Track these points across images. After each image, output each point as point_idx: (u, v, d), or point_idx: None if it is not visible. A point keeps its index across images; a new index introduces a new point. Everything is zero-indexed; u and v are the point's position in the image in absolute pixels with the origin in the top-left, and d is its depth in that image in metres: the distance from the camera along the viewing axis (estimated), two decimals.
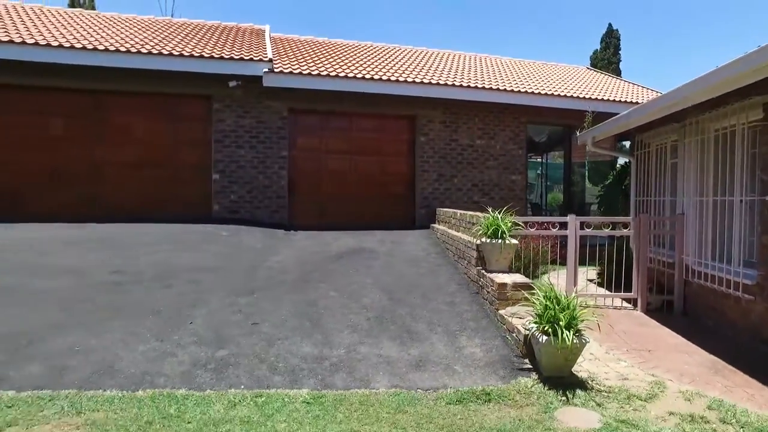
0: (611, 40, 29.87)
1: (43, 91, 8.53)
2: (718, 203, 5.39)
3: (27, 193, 8.50)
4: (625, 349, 4.71)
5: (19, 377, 3.42)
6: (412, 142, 10.43)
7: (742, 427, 3.19)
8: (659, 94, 11.77)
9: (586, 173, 15.93)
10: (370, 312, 4.94)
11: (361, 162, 10.13)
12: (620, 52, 30.01)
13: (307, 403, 3.31)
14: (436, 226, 9.11)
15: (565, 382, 3.72)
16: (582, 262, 6.70)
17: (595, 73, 15.20)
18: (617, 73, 28.84)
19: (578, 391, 3.60)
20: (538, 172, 18.44)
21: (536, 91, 10.55)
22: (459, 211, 7.49)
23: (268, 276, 5.98)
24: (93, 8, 21.86)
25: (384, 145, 10.36)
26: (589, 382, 3.76)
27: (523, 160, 11.07)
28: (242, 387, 3.49)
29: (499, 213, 5.52)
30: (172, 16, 26.02)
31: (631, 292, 6.27)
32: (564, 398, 3.51)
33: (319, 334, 4.37)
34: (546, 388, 3.64)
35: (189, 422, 3.01)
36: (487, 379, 3.77)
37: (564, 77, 12.98)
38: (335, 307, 5.00)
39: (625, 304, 6.36)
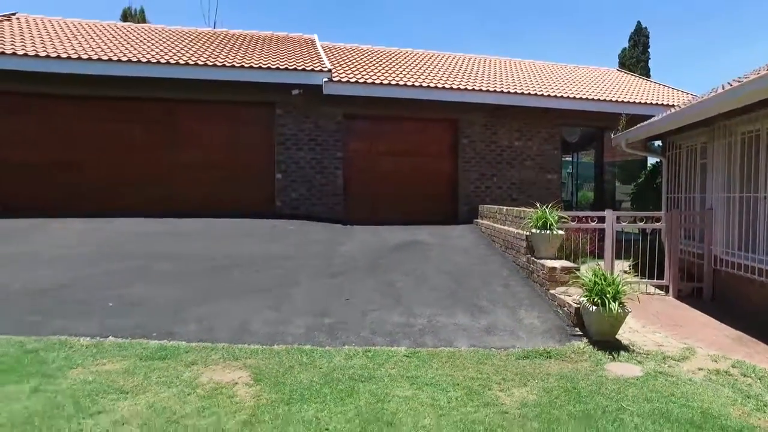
0: (640, 38, 30.07)
1: (126, 101, 9.64)
2: (744, 199, 6.11)
3: (113, 192, 9.62)
4: (659, 324, 5.49)
5: (183, 333, 4.41)
6: (455, 144, 11.27)
7: (759, 379, 3.96)
8: (688, 95, 12.35)
9: (616, 172, 16.51)
10: (440, 291, 5.82)
11: (408, 163, 11.02)
12: (649, 50, 30.18)
13: (407, 356, 4.21)
14: (479, 221, 9.93)
15: (610, 345, 4.53)
16: (616, 256, 7.44)
17: (624, 74, 15.77)
18: (646, 70, 29.09)
19: (622, 352, 4.41)
20: (569, 171, 19.02)
21: (570, 96, 11.26)
22: (505, 207, 8.31)
23: (342, 262, 6.92)
24: (144, 21, 23.19)
25: (429, 146, 11.23)
26: (630, 347, 4.57)
27: (558, 159, 11.82)
28: (353, 344, 4.41)
29: (547, 207, 6.34)
30: (215, 26, 27.22)
31: (663, 279, 7.01)
32: (610, 357, 4.33)
33: (402, 307, 5.27)
34: (595, 349, 4.46)
35: (320, 367, 3.93)
36: (546, 343, 4.61)
37: (595, 80, 13.64)
38: (409, 287, 5.90)
39: (657, 291, 7.09)
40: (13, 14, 12.10)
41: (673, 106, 9.82)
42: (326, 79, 9.59)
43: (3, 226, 7.93)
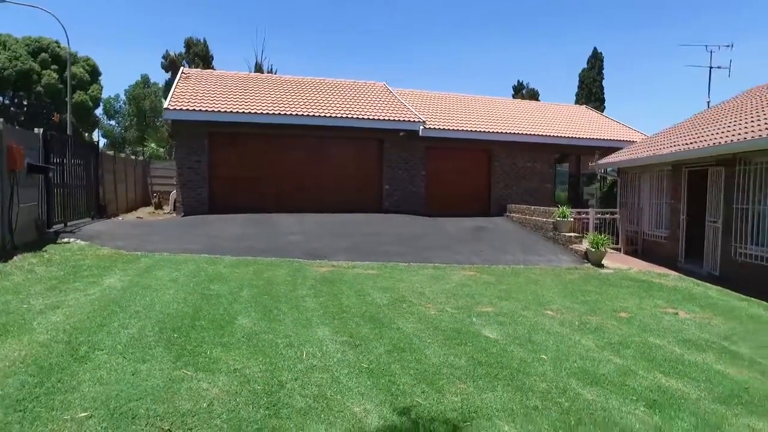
0: (596, 62, 37.22)
1: (293, 137, 15.29)
2: (656, 204, 12.59)
3: (282, 196, 15.23)
4: (618, 262, 11.87)
5: (358, 257, 10.41)
6: (490, 165, 17.52)
7: (657, 275, 10.34)
8: (639, 134, 18.89)
9: (584, 180, 23.24)
10: (515, 246, 11.98)
11: (462, 177, 17.20)
12: (603, 71, 37.31)
13: (519, 269, 10.34)
14: (509, 214, 16.19)
15: (600, 265, 10.80)
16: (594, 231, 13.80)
17: (592, 112, 22.49)
18: (601, 87, 36.29)
19: (603, 269, 10.69)
20: None
21: (561, 134, 17.72)
22: (533, 207, 14.60)
23: (453, 235, 12.96)
24: (273, 72, 28.16)
25: (474, 167, 17.42)
26: (607, 266, 10.86)
27: (552, 175, 18.27)
28: (500, 264, 10.50)
29: (566, 207, 12.62)
30: (261, 67, 31.93)
31: (618, 245, 13.44)
32: (600, 268, 10.60)
33: (504, 252, 11.40)
34: (594, 266, 10.73)
35: (499, 269, 9.98)
36: (574, 264, 10.82)
37: (574, 117, 20.21)
38: (499, 245, 12.03)
39: (615, 251, 13.53)
40: (182, 72, 17.42)
41: (629, 141, 16.43)
42: (422, 127, 15.62)
43: (245, 217, 13.54)
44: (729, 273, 9.46)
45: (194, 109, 13.94)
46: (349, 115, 15.22)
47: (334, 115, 15.08)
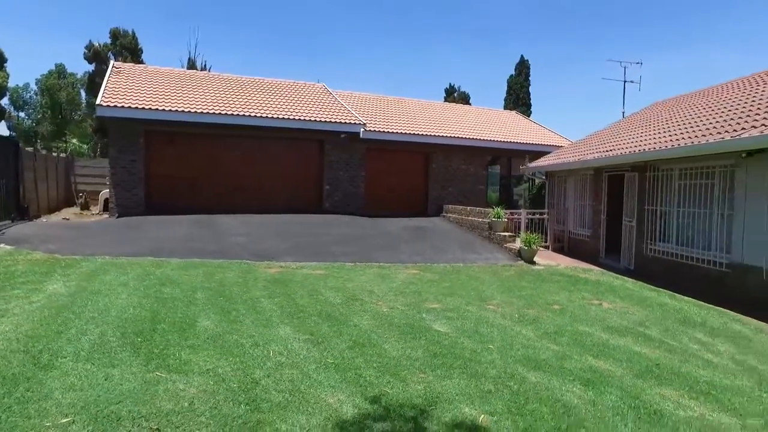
0: (523, 69, 39.32)
1: (237, 138, 15.11)
2: (579, 205, 13.73)
3: (224, 197, 15.04)
4: (547, 259, 12.85)
5: (305, 258, 10.75)
6: (427, 167, 18.18)
7: (582, 270, 11.34)
8: (565, 139, 20.33)
9: (513, 182, 24.62)
10: (453, 245, 12.63)
11: (401, 178, 17.73)
12: (530, 78, 39.46)
13: (458, 267, 10.96)
14: (446, 214, 16.92)
15: (532, 262, 11.66)
16: (526, 230, 14.79)
17: (522, 118, 23.87)
18: (528, 93, 38.43)
19: (535, 265, 11.56)
20: None
21: (493, 138, 18.74)
22: (468, 207, 15.38)
23: (395, 236, 13.42)
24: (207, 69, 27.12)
25: (412, 168, 18.01)
26: (538, 263, 11.75)
27: (485, 177, 19.25)
28: (439, 262, 11.05)
29: (500, 208, 13.45)
30: (194, 63, 30.87)
31: (547, 242, 14.51)
32: (532, 265, 11.46)
33: (442, 251, 11.99)
34: (527, 263, 11.57)
35: (433, 267, 10.52)
36: (509, 262, 11.60)
37: (505, 122, 21.38)
38: (438, 244, 12.63)
39: (544, 248, 14.58)
40: (114, 66, 16.68)
41: (556, 145, 17.68)
42: (363, 129, 15.95)
43: (186, 218, 13.26)
44: (642, 267, 10.59)
45: (130, 106, 13.42)
46: (291, 116, 15.28)
47: (275, 116, 15.07)
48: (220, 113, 14.31)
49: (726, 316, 7.16)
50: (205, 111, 14.18)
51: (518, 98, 38.05)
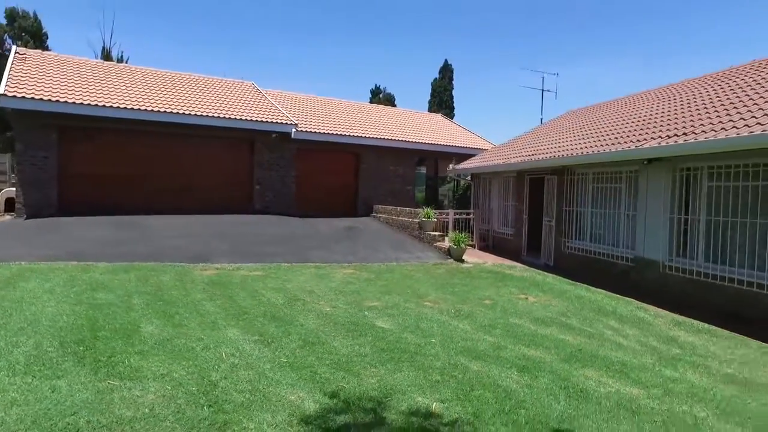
0: (447, 72, 40.75)
1: (164, 135, 14.47)
2: (503, 205, 14.63)
3: (150, 197, 14.36)
4: (474, 257, 13.58)
5: (240, 259, 10.81)
6: (357, 168, 18.44)
7: (507, 266, 12.13)
8: (488, 143, 21.44)
9: (438, 182, 25.56)
10: (385, 244, 12.98)
11: (332, 178, 17.84)
12: (453, 81, 40.94)
13: (392, 266, 11.32)
14: (376, 214, 17.28)
15: (461, 260, 12.28)
16: (454, 230, 15.50)
17: (447, 121, 24.80)
18: (451, 97, 39.89)
19: (464, 263, 12.20)
20: None
21: (422, 140, 19.37)
22: (399, 207, 15.82)
23: (327, 236, 13.55)
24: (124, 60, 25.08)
25: (343, 168, 18.19)
26: (467, 261, 12.40)
27: (413, 177, 19.85)
28: (375, 262, 11.34)
29: (430, 209, 13.99)
30: (109, 53, 28.85)
31: (473, 241, 15.29)
32: (461, 263, 12.08)
33: (376, 251, 12.30)
34: (456, 262, 12.17)
35: (368, 266, 10.80)
36: (439, 260, 12.14)
37: (432, 125, 22.14)
38: (371, 243, 12.94)
39: (471, 246, 15.35)
40: (17, 52, 15.33)
41: (480, 148, 18.60)
42: (294, 130, 15.88)
43: (108, 219, 12.54)
44: (560, 263, 11.54)
45: (41, 98, 12.43)
46: (222, 115, 14.89)
47: (206, 113, 14.62)
48: (146, 109, 13.65)
49: (632, 305, 8.06)
50: (130, 107, 13.46)
51: (442, 101, 39.39)
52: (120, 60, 27.60)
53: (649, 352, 5.66)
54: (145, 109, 13.64)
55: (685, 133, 7.83)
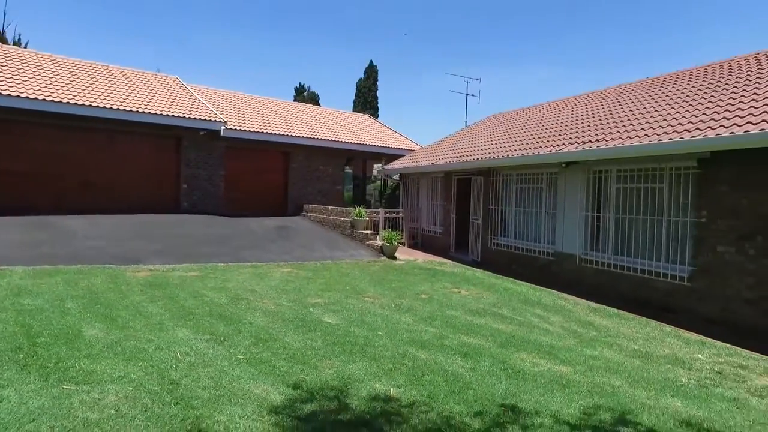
0: (372, 73, 41.32)
1: (82, 130, 13.54)
2: (432, 204, 15.28)
3: (66, 196, 13.41)
4: (405, 254, 14.09)
5: (174, 260, 10.70)
6: (287, 166, 18.35)
7: (437, 263, 12.73)
8: (414, 144, 22.13)
9: (366, 182, 25.98)
10: (319, 243, 13.13)
11: (261, 177, 17.62)
12: (377, 81, 41.56)
13: (327, 263, 11.51)
14: (306, 213, 17.32)
15: (393, 258, 12.72)
16: (384, 228, 15.93)
17: (375, 122, 25.25)
18: (376, 97, 40.51)
19: (397, 260, 12.64)
20: None
21: (351, 140, 19.65)
22: (330, 207, 15.99)
23: (261, 236, 13.46)
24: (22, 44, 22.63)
25: (272, 167, 18.02)
26: (399, 258, 12.86)
27: (342, 177, 20.07)
28: (311, 260, 11.45)
29: (362, 208, 14.30)
30: (4, 35, 26.16)
31: (403, 238, 15.82)
32: (395, 260, 12.51)
33: (309, 249, 12.42)
34: (389, 259, 12.59)
35: (300, 263, 10.91)
36: (371, 258, 12.49)
37: (360, 125, 22.47)
38: (304, 242, 13.02)
39: (400, 246, 15.86)
40: None
41: (408, 149, 19.18)
42: (224, 128, 15.52)
43: (17, 220, 11.60)
44: (487, 258, 12.32)
45: None
46: (146, 110, 14.22)
47: (129, 108, 13.88)
48: (60, 101, 12.70)
49: (554, 295, 8.89)
50: (41, 98, 12.47)
51: (366, 102, 39.88)
52: (18, 43, 25.23)
53: (572, 336, 6.36)
54: (60, 101, 12.70)
55: (597, 140, 8.76)
